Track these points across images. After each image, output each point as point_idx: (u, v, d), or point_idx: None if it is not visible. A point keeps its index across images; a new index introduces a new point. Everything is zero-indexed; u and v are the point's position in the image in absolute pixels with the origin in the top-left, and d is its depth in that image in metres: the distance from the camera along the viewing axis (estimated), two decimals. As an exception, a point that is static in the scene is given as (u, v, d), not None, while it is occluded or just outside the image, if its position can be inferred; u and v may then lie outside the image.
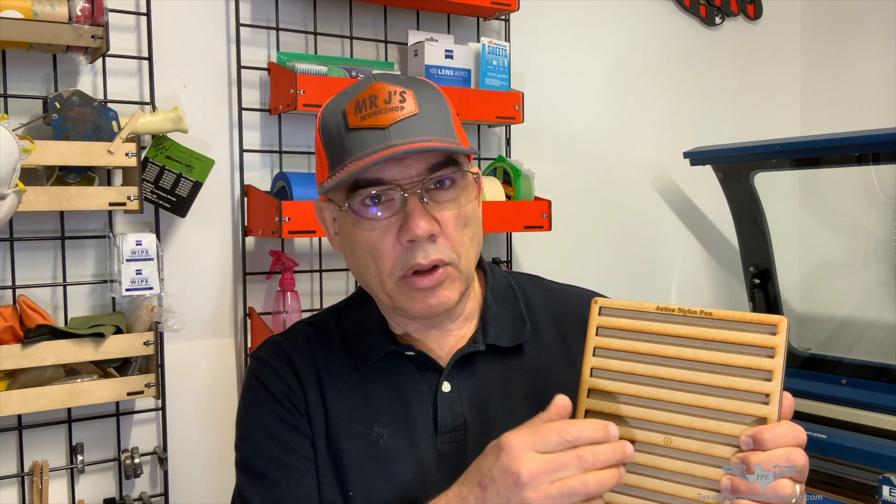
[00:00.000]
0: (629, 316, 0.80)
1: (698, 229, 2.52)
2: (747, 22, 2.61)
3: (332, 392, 0.92)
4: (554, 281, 1.06)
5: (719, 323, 0.75)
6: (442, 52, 1.84)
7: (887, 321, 2.28)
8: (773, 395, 0.72)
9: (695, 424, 0.74)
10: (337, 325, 0.98)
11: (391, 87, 0.85)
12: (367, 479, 0.88)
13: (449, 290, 0.87)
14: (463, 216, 0.88)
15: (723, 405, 0.74)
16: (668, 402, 0.76)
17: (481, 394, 0.92)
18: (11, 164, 1.25)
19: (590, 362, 0.80)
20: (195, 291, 1.73)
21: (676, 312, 0.77)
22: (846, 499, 1.81)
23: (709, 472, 0.73)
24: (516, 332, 0.95)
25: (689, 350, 0.76)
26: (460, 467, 0.88)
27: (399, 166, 0.84)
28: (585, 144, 2.28)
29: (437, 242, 0.86)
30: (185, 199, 1.65)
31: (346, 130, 0.85)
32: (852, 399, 1.96)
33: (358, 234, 0.88)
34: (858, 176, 2.35)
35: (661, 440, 0.75)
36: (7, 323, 1.45)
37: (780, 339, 0.73)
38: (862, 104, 2.49)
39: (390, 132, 0.83)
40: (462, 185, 0.88)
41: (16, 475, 1.56)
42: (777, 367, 0.72)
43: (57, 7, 1.43)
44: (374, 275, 0.88)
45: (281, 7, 1.79)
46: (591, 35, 2.29)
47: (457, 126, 0.90)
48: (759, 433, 0.70)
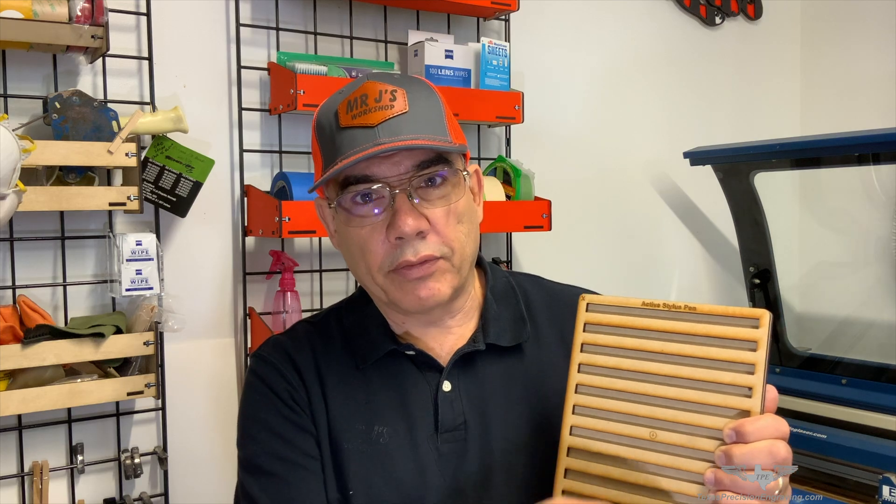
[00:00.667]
0: (615, 312, 0.81)
1: (698, 229, 2.52)
2: (747, 22, 2.61)
3: (333, 391, 0.92)
4: (553, 281, 1.06)
5: (703, 317, 0.76)
6: (442, 52, 1.84)
7: (887, 321, 2.28)
8: (755, 389, 0.72)
9: (679, 418, 0.75)
10: (338, 324, 0.98)
11: (382, 85, 0.85)
12: (367, 477, 0.88)
13: (440, 282, 0.87)
14: (455, 212, 0.87)
15: (707, 399, 0.74)
16: (653, 397, 0.77)
17: (481, 393, 0.92)
18: (11, 164, 1.25)
19: (577, 358, 0.82)
20: (195, 291, 1.73)
21: (661, 308, 0.78)
22: (846, 499, 1.81)
23: (693, 465, 0.74)
24: (516, 331, 0.95)
25: (673, 345, 0.77)
26: (460, 466, 0.88)
27: (387, 163, 0.84)
28: (585, 144, 2.28)
29: (426, 239, 0.86)
30: (185, 199, 1.65)
31: (338, 129, 0.86)
32: (852, 399, 1.96)
33: (349, 232, 0.88)
34: (858, 176, 2.35)
35: (647, 434, 0.76)
36: (7, 323, 1.45)
37: (762, 332, 0.73)
38: (862, 104, 2.49)
39: (379, 130, 0.83)
40: (453, 182, 0.87)
41: (16, 475, 1.56)
42: (759, 360, 0.73)
43: (57, 7, 1.43)
44: (364, 271, 0.89)
45: (281, 7, 1.79)
46: (591, 35, 2.29)
47: (451, 124, 0.89)
48: (741, 426, 0.71)
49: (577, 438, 0.81)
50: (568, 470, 0.81)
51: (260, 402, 0.93)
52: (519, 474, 0.89)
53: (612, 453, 0.78)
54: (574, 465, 0.81)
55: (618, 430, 0.78)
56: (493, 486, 0.88)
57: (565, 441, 0.82)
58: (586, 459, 0.80)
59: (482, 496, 0.88)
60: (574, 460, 0.81)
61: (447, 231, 0.87)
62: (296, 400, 0.91)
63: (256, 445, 0.91)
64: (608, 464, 0.78)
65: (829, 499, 1.82)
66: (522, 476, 0.89)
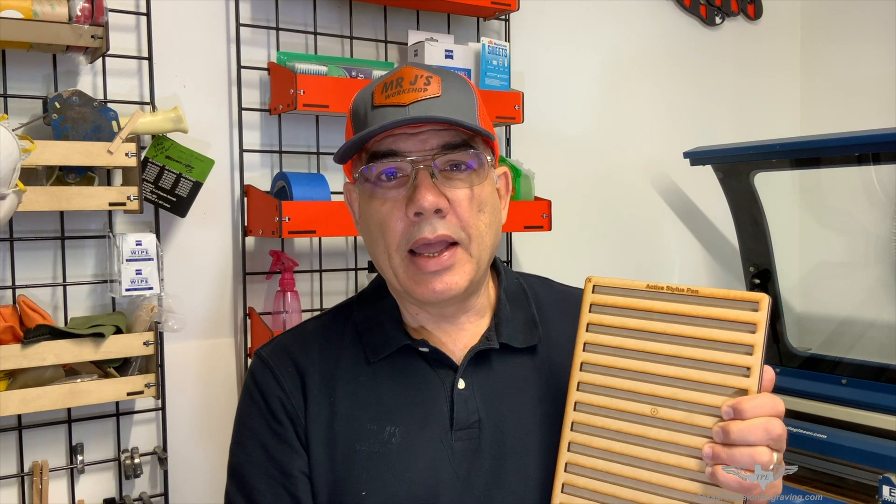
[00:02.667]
0: (620, 293, 0.84)
1: (698, 229, 2.52)
2: (747, 22, 2.61)
3: (341, 391, 0.92)
4: (563, 283, 1.07)
5: (704, 300, 0.79)
6: (442, 52, 1.84)
7: (887, 321, 2.28)
8: (753, 369, 0.75)
9: (679, 396, 0.78)
10: (349, 319, 0.98)
11: (419, 71, 0.88)
12: (380, 478, 0.88)
13: (457, 274, 0.87)
14: (477, 199, 0.88)
15: (706, 377, 0.78)
16: (655, 375, 0.80)
17: (495, 391, 0.92)
18: (11, 164, 1.25)
19: (583, 338, 0.85)
20: (195, 291, 1.73)
21: (665, 290, 0.81)
22: (846, 499, 1.81)
23: (692, 440, 0.77)
24: (528, 334, 0.96)
25: (675, 326, 0.80)
26: (474, 464, 0.89)
27: (414, 140, 0.86)
28: (585, 144, 2.28)
29: (445, 218, 0.86)
30: (185, 199, 1.65)
31: (371, 108, 0.87)
32: (852, 399, 1.96)
33: (371, 208, 0.89)
34: (858, 176, 2.35)
35: (648, 410, 0.80)
36: (7, 323, 1.45)
37: (761, 315, 0.76)
38: (862, 104, 2.49)
39: (409, 109, 0.85)
40: (477, 169, 0.88)
41: (16, 475, 1.56)
42: (758, 341, 0.76)
43: (57, 7, 1.43)
44: (382, 250, 0.89)
45: (281, 7, 1.79)
46: (591, 35, 2.29)
47: (482, 116, 0.91)
48: (738, 403, 0.74)
49: (578, 434, 0.83)
50: (568, 464, 0.83)
51: (252, 409, 0.94)
52: (531, 473, 0.89)
53: (615, 428, 0.81)
54: (577, 439, 0.83)
55: (620, 406, 0.81)
56: (506, 484, 0.89)
57: (566, 437, 0.84)
58: (589, 436, 0.82)
59: (495, 494, 0.88)
60: (574, 454, 0.83)
61: (467, 216, 0.87)
62: (287, 411, 0.91)
63: (244, 455, 0.93)
64: (610, 438, 0.81)
65: (829, 499, 1.82)
66: (534, 474, 0.89)
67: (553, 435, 0.88)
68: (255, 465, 0.91)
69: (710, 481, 0.75)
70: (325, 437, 0.90)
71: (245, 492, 0.91)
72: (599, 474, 0.81)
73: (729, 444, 0.74)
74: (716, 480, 0.74)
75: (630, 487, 0.79)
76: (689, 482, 0.76)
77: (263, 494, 0.90)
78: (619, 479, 0.80)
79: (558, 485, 0.83)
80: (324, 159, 1.86)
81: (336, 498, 0.88)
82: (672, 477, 0.77)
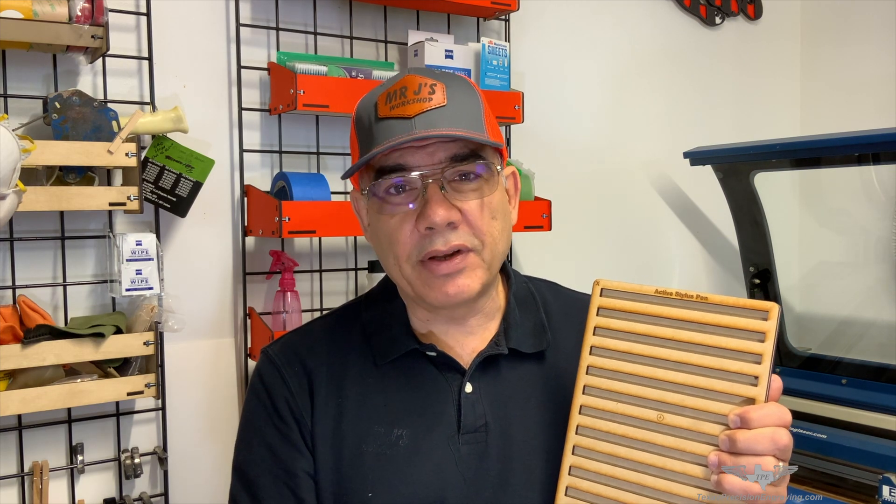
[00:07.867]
0: (629, 298, 0.83)
1: (698, 229, 2.52)
2: (747, 22, 2.61)
3: (349, 392, 0.92)
4: (570, 289, 1.07)
5: (714, 307, 0.79)
6: (442, 52, 1.84)
7: (887, 321, 2.28)
8: (761, 378, 0.75)
9: (686, 403, 0.78)
10: (357, 320, 0.98)
11: (422, 79, 0.86)
12: (386, 480, 0.88)
13: (470, 278, 0.87)
14: (489, 207, 0.88)
15: (714, 385, 0.77)
16: (663, 381, 0.80)
17: (502, 395, 0.92)
18: (11, 164, 1.25)
19: (590, 341, 0.84)
20: (195, 291, 1.73)
21: (674, 296, 0.81)
22: (846, 499, 1.81)
23: (698, 447, 0.76)
24: (537, 339, 0.96)
25: (684, 332, 0.80)
26: (480, 467, 0.89)
27: (421, 153, 0.85)
28: (585, 144, 2.28)
29: (458, 229, 0.86)
30: (185, 199, 1.65)
31: (376, 120, 0.86)
32: (852, 399, 1.96)
33: (380, 221, 0.89)
34: (858, 176, 2.35)
35: (655, 416, 0.79)
36: (7, 323, 1.45)
37: (770, 324, 0.76)
38: (862, 104, 2.49)
39: (415, 122, 0.84)
40: (487, 178, 0.88)
41: (16, 475, 1.56)
42: (767, 350, 0.75)
43: (57, 7, 1.43)
44: (392, 262, 0.89)
45: (281, 7, 1.79)
46: (591, 35, 2.29)
47: (489, 122, 0.91)
48: (746, 412, 0.73)
49: (583, 437, 0.83)
50: (572, 467, 0.83)
51: (258, 408, 0.94)
52: (537, 477, 0.89)
53: (620, 433, 0.80)
54: (581, 443, 0.83)
55: (626, 411, 0.81)
56: (512, 488, 0.89)
57: (571, 440, 0.84)
58: (594, 440, 0.82)
59: (501, 497, 0.88)
60: (578, 458, 0.83)
61: (481, 224, 0.87)
62: (293, 411, 0.91)
63: (249, 453, 0.93)
64: (615, 442, 0.81)
65: (829, 499, 1.82)
66: (541, 478, 0.89)
67: (559, 440, 0.88)
68: (260, 464, 0.91)
69: (715, 489, 0.74)
70: (331, 437, 0.90)
71: (249, 490, 0.91)
72: (603, 478, 0.81)
73: (735, 453, 0.73)
74: (721, 488, 0.73)
75: (634, 493, 0.79)
76: (693, 489, 0.76)
77: (268, 493, 0.90)
78: (623, 484, 0.80)
79: (562, 487, 0.83)
80: (324, 159, 1.86)
81: (342, 498, 0.88)
82: (676, 483, 0.77)
